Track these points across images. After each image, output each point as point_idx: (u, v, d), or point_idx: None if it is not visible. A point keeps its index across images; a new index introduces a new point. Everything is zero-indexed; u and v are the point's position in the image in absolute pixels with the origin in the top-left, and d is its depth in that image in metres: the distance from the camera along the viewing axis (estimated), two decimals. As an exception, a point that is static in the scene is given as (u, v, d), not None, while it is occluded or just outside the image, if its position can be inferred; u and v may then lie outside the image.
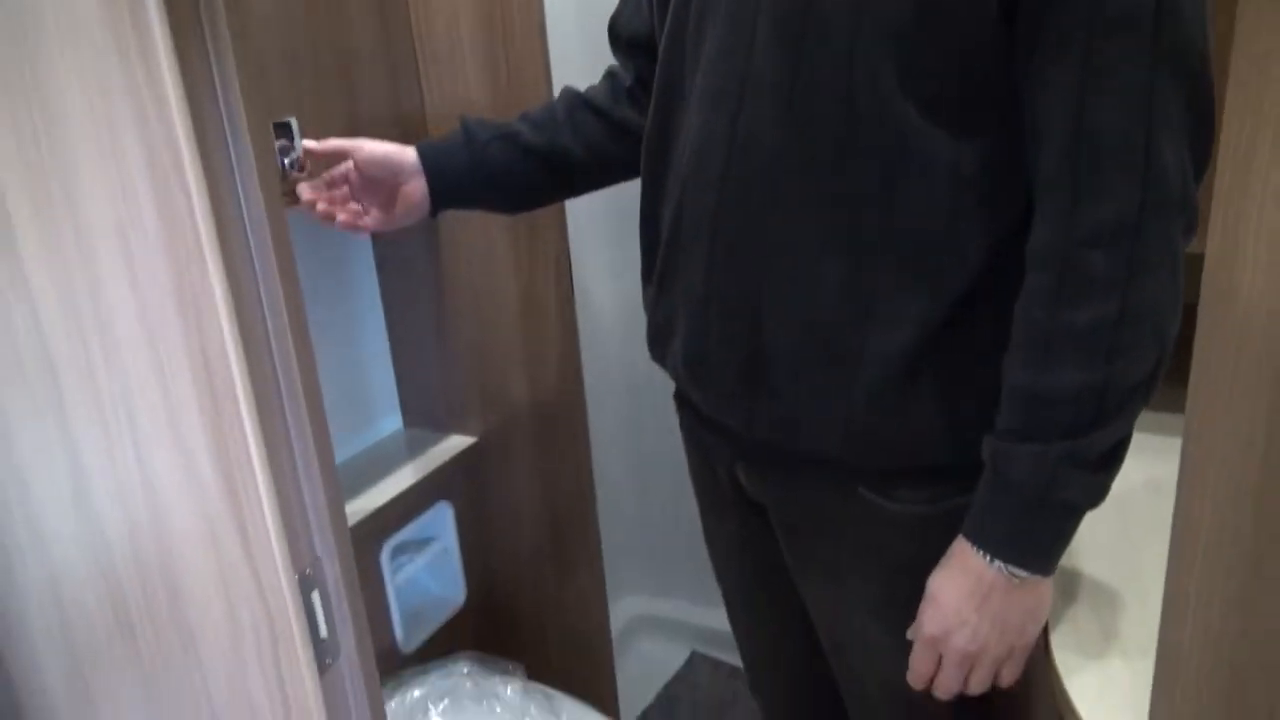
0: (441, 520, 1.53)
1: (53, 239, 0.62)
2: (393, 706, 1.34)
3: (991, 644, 0.84)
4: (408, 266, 1.46)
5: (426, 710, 1.34)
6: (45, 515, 0.74)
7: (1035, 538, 0.81)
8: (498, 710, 1.35)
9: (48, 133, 0.58)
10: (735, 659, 1.32)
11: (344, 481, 1.43)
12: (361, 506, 1.37)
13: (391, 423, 1.58)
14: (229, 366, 0.58)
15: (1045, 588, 0.84)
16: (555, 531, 1.55)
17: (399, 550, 1.47)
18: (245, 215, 0.56)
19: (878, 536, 0.93)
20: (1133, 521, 1.03)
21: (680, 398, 1.10)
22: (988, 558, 0.81)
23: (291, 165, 1.03)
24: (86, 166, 0.57)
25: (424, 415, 1.57)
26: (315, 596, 0.68)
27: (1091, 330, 0.74)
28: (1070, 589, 0.98)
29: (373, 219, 1.09)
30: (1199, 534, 0.55)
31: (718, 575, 1.21)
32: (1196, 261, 0.56)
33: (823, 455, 0.90)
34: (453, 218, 1.38)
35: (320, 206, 1.06)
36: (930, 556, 0.87)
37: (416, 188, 1.09)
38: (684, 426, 1.12)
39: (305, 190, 1.06)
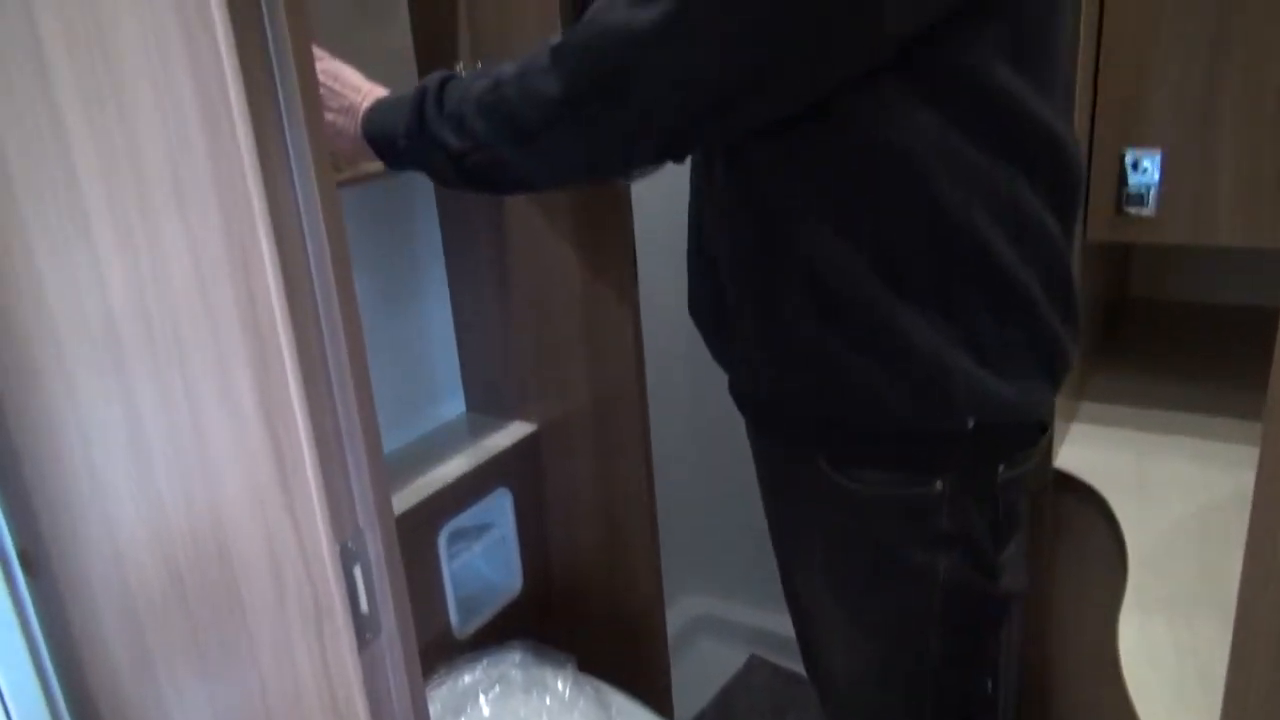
0: (500, 507, 1.53)
1: (114, 189, 0.63)
2: (444, 692, 1.35)
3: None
4: (474, 252, 1.47)
5: (477, 697, 1.35)
6: (105, 468, 0.76)
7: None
8: (547, 701, 1.35)
9: (108, 73, 0.59)
10: (795, 664, 1.30)
11: (405, 463, 1.44)
12: (421, 488, 1.38)
13: (455, 406, 1.59)
14: (276, 328, 0.58)
15: None
16: (614, 525, 1.54)
17: (457, 536, 1.47)
18: (295, 178, 0.57)
19: (823, 507, 0.98)
20: (1215, 534, 0.98)
21: None
22: None
23: None
24: (144, 113, 0.59)
25: (487, 400, 1.58)
26: (357, 571, 0.68)
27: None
28: (1145, 601, 0.93)
29: None
30: (1274, 543, 0.51)
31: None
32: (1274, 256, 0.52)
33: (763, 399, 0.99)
34: (520, 207, 1.38)
35: None
36: (873, 535, 0.93)
37: None
38: None
39: None
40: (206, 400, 0.66)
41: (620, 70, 0.78)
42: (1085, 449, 1.27)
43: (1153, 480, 1.18)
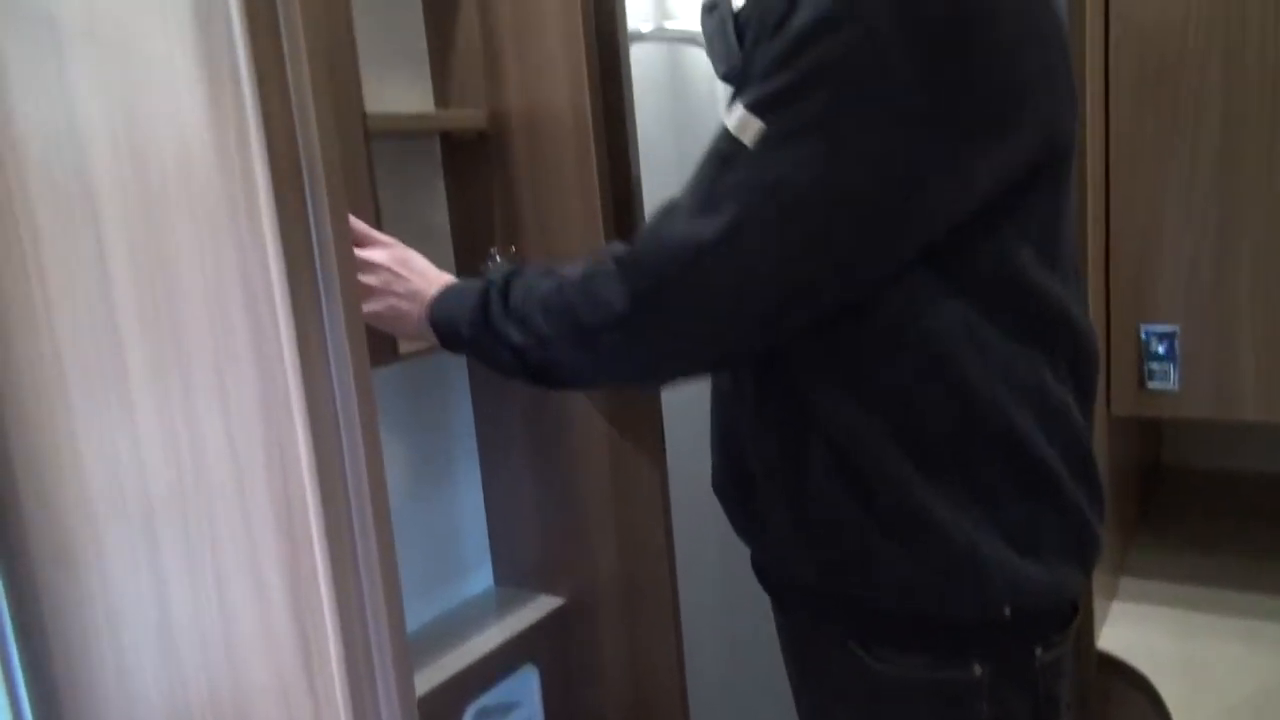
0: (527, 686, 1.49)
1: (161, 380, 0.66)
2: None
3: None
4: (506, 426, 1.50)
5: None
6: (132, 650, 0.76)
7: None
8: None
9: (164, 276, 0.63)
10: None
11: (431, 640, 1.42)
12: (447, 666, 1.36)
13: (483, 579, 1.58)
14: (308, 519, 0.60)
15: None
16: (642, 706, 1.49)
17: (483, 714, 1.43)
18: (334, 372, 0.60)
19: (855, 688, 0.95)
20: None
21: None
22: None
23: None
24: (193, 307, 0.62)
25: (515, 574, 1.56)
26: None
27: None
28: None
29: None
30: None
31: None
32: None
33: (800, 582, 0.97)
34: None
35: None
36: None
37: None
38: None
39: None
40: (236, 588, 0.67)
41: (682, 283, 0.80)
42: (1128, 629, 1.23)
43: (1200, 662, 1.13)
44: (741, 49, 0.87)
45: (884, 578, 0.88)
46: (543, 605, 1.51)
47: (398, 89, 1.33)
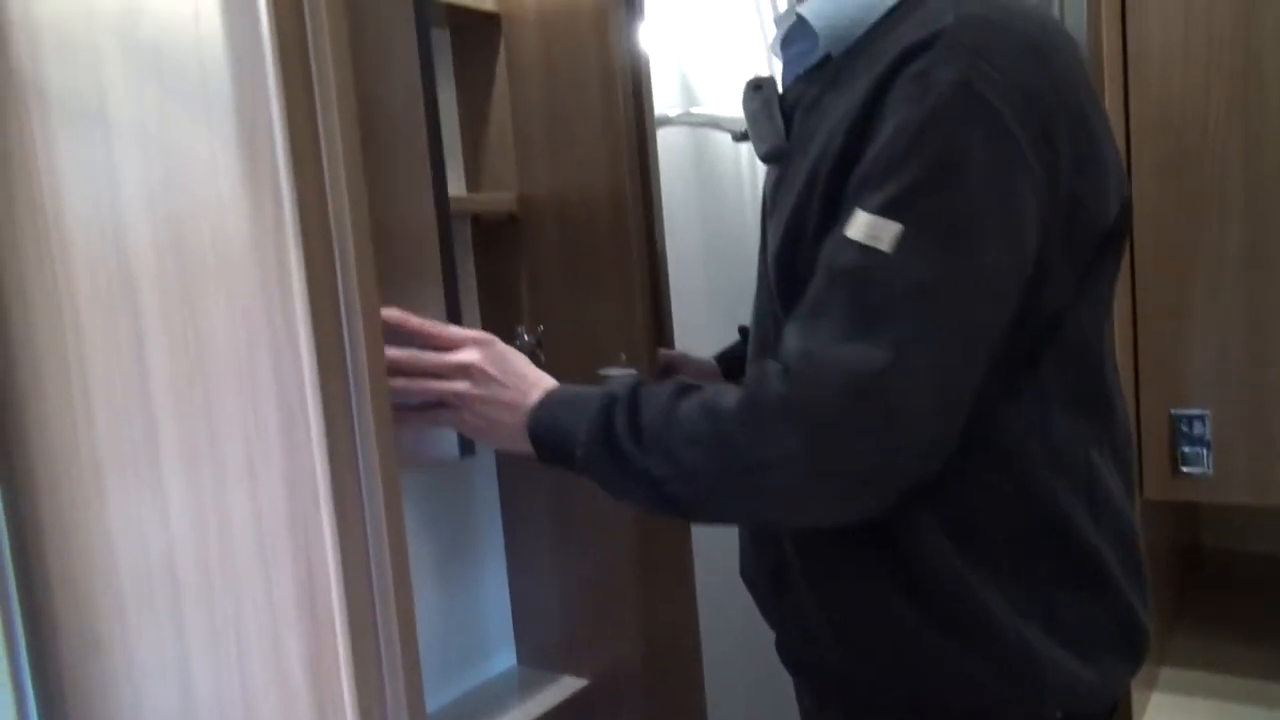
0: (549, 769, 1.46)
1: (192, 463, 0.68)
2: None
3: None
4: (532, 510, 1.50)
5: None
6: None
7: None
8: None
9: (199, 366, 0.65)
10: None
11: (454, 719, 1.40)
12: (469, 750, 1.34)
13: (506, 659, 1.57)
14: (331, 606, 0.60)
15: None
16: (666, 791, 1.46)
17: (503, 800, 1.40)
18: (360, 463, 0.61)
19: None
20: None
21: None
22: None
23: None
24: (226, 397, 0.64)
25: (538, 654, 1.54)
26: None
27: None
28: None
29: None
30: None
31: None
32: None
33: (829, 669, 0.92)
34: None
35: None
36: None
37: None
38: None
39: None
40: (258, 670, 0.67)
41: (862, 415, 0.72)
42: (1169, 721, 1.19)
43: (1246, 759, 1.09)
44: (788, 132, 0.87)
45: (929, 675, 0.85)
46: (566, 686, 1.49)
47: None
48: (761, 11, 1.74)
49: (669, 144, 1.63)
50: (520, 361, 0.93)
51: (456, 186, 1.40)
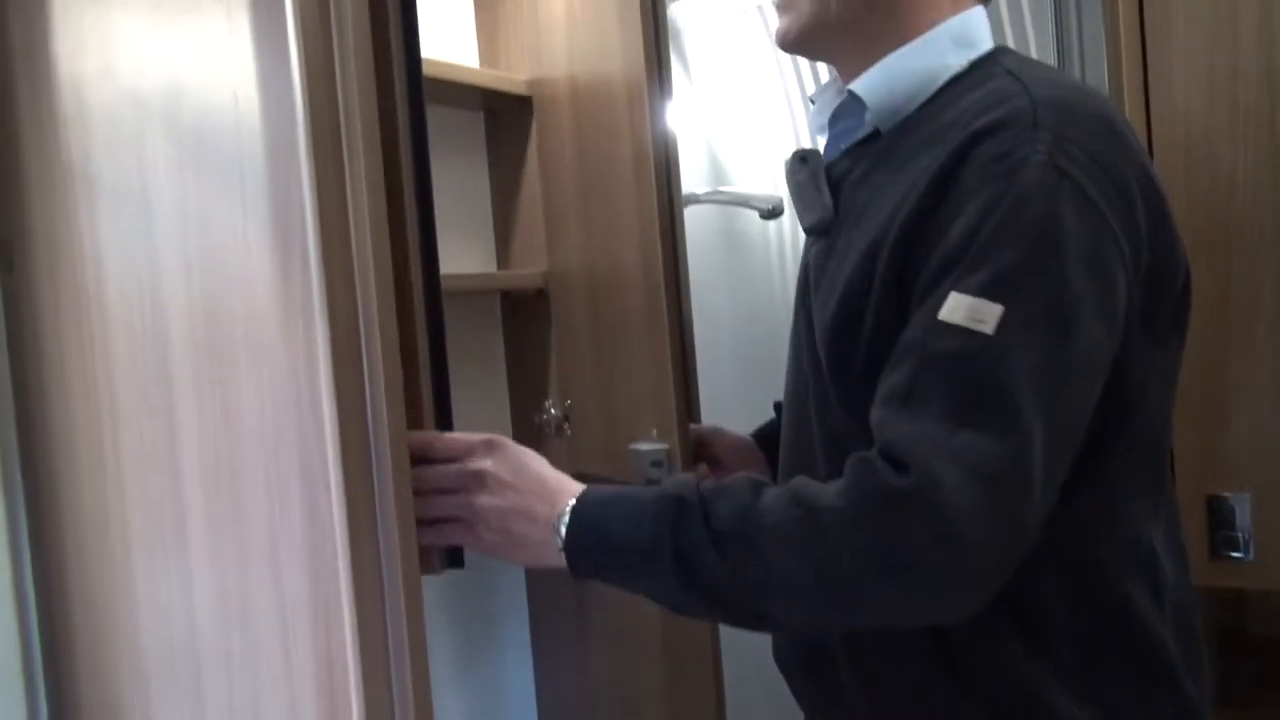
0: None
1: (217, 535, 0.68)
2: None
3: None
4: (559, 609, 1.48)
5: None
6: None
7: None
8: None
9: (228, 442, 0.66)
10: None
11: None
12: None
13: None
14: (349, 693, 0.60)
15: None
16: None
17: None
18: (383, 557, 0.61)
19: None
20: None
21: None
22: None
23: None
24: (253, 476, 0.65)
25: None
26: None
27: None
28: None
29: None
30: None
31: None
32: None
33: None
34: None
35: None
36: None
37: (760, 475, 1.13)
38: None
39: None
40: (274, 753, 0.67)
41: (990, 512, 0.68)
42: (1217, 820, 1.14)
43: None
44: (836, 204, 0.87)
45: None
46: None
47: (462, 252, 1.40)
48: (789, 91, 1.77)
49: (698, 221, 1.65)
50: (538, 463, 0.82)
51: (487, 263, 1.43)
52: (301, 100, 0.62)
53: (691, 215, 1.54)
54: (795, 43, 0.89)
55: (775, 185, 1.73)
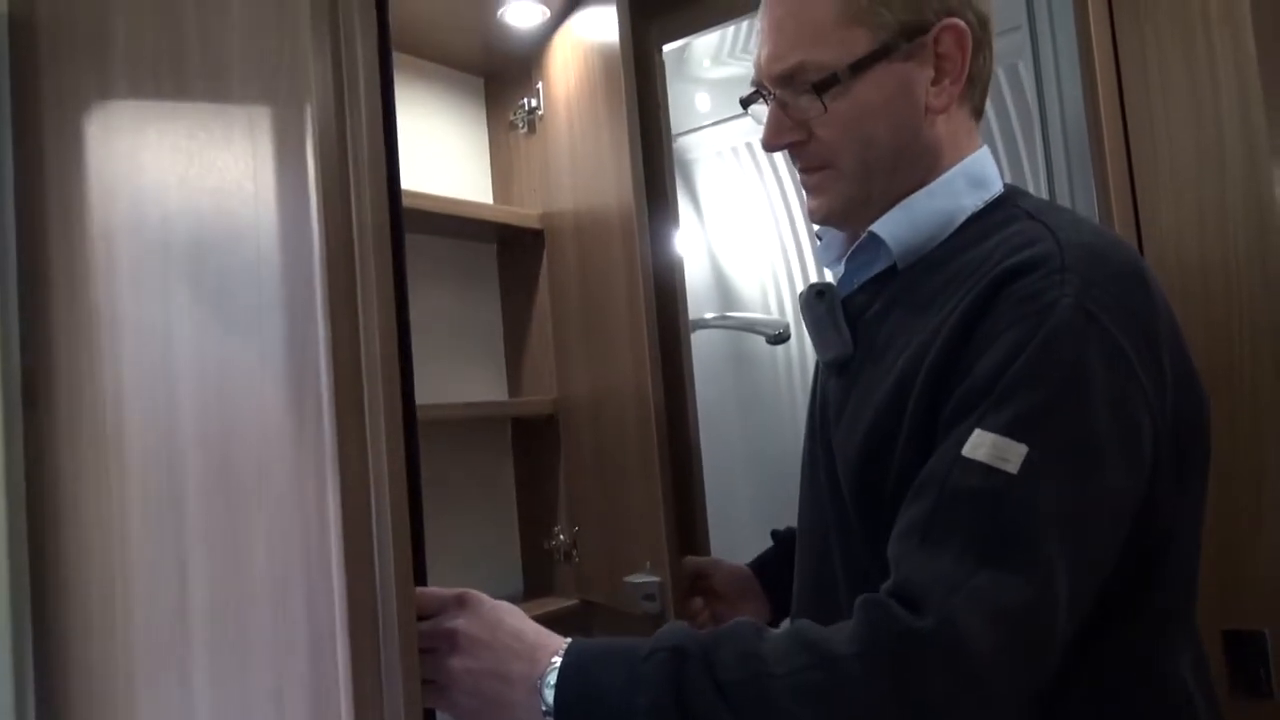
0: None
1: (220, 676, 0.68)
2: None
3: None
4: None
5: None
6: None
7: None
8: None
9: (236, 581, 0.67)
10: None
11: None
12: None
13: None
14: None
15: None
16: None
17: None
18: (385, 703, 0.61)
19: None
20: None
21: None
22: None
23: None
24: (260, 620, 0.65)
25: None
26: None
27: None
28: None
29: None
30: None
31: None
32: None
33: None
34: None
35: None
36: None
37: (759, 606, 1.12)
38: None
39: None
40: None
41: (1012, 654, 0.68)
42: None
43: None
44: (855, 340, 0.87)
45: None
46: None
47: (474, 380, 1.42)
48: (795, 220, 1.82)
49: (707, 346, 1.68)
50: (515, 618, 0.77)
51: (498, 392, 1.45)
52: (320, 259, 0.65)
53: (701, 339, 1.57)
54: (829, 220, 0.91)
55: (783, 310, 1.77)
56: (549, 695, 0.71)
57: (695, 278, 1.77)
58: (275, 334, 0.68)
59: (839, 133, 0.84)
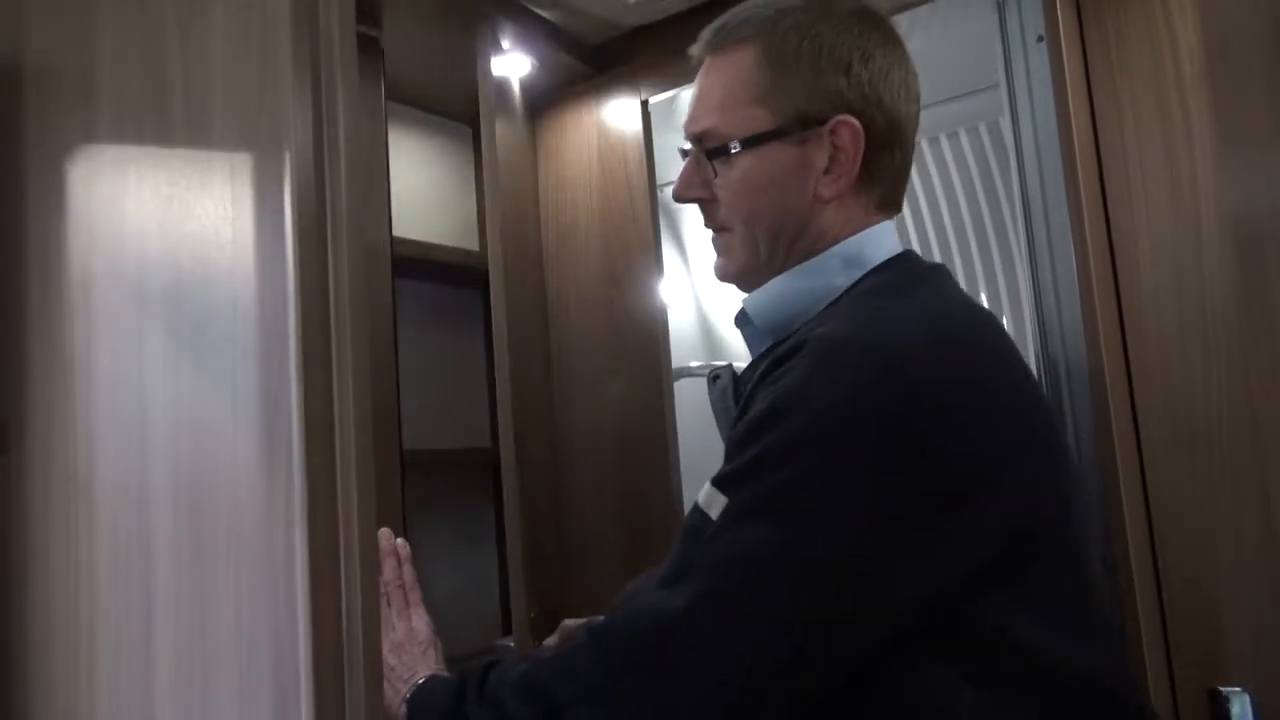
0: None
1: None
2: None
3: None
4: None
5: None
6: None
7: None
8: None
9: (202, 636, 0.65)
10: None
11: None
12: None
13: None
14: None
15: None
16: None
17: None
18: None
19: None
20: None
21: None
22: None
23: None
24: (224, 678, 0.63)
25: None
26: None
27: None
28: None
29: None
30: None
31: None
32: None
33: None
34: None
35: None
36: None
37: None
38: None
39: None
40: None
41: (653, 652, 0.75)
42: None
43: None
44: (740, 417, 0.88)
45: None
46: None
47: (459, 428, 1.41)
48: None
49: (692, 391, 1.68)
50: (424, 637, 0.95)
51: (483, 438, 1.44)
52: (294, 308, 0.64)
53: (685, 385, 1.57)
54: (728, 280, 0.97)
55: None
56: (408, 704, 0.87)
57: (680, 326, 1.77)
58: (249, 385, 0.68)
59: (730, 199, 0.91)
